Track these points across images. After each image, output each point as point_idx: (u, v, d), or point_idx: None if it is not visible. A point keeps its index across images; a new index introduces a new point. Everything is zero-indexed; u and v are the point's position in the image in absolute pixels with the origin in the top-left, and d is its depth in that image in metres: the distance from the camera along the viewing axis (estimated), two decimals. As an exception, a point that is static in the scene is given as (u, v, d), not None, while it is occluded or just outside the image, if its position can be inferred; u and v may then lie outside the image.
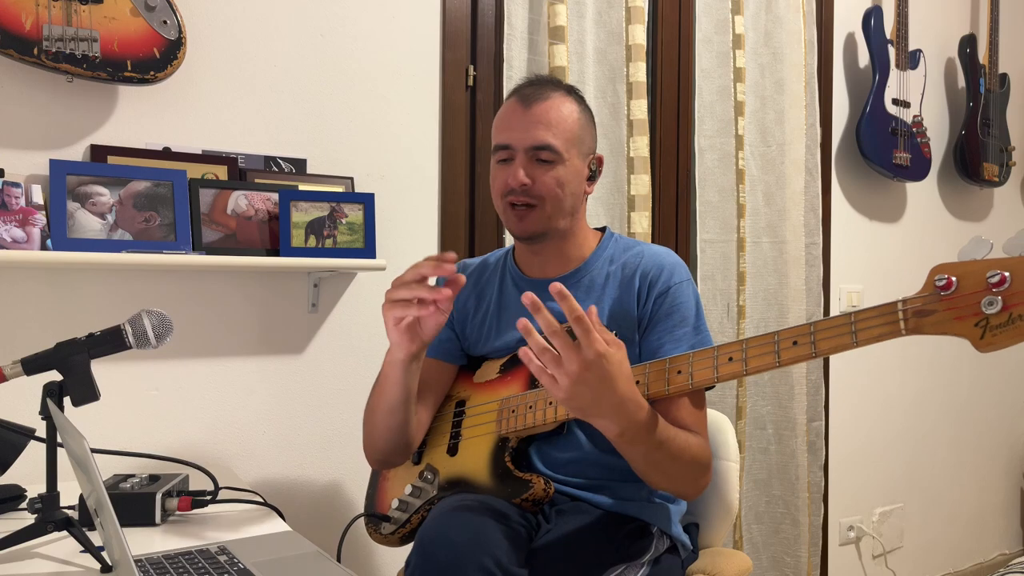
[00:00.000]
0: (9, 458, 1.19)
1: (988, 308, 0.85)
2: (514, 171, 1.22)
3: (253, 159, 1.66)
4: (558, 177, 1.23)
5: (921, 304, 0.90)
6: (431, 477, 1.29)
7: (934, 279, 0.89)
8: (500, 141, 1.26)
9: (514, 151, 1.23)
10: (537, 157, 1.22)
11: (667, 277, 1.24)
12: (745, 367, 1.02)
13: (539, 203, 1.23)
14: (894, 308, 0.92)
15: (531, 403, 1.20)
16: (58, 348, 1.08)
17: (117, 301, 1.54)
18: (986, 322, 0.86)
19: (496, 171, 1.27)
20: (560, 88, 1.28)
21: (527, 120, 1.23)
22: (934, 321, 0.89)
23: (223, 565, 0.96)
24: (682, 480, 1.16)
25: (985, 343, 0.86)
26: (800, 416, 2.31)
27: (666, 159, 2.24)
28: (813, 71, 2.37)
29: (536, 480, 1.17)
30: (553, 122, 1.23)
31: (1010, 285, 0.84)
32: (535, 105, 1.24)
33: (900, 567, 2.83)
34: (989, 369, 3.11)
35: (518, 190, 1.22)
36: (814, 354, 0.97)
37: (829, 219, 2.55)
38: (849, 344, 0.94)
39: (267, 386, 1.69)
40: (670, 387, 1.09)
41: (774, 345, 1.00)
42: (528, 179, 1.22)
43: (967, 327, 0.87)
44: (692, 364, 1.08)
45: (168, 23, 1.49)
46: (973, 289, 0.87)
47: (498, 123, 1.28)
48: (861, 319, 0.94)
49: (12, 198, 1.37)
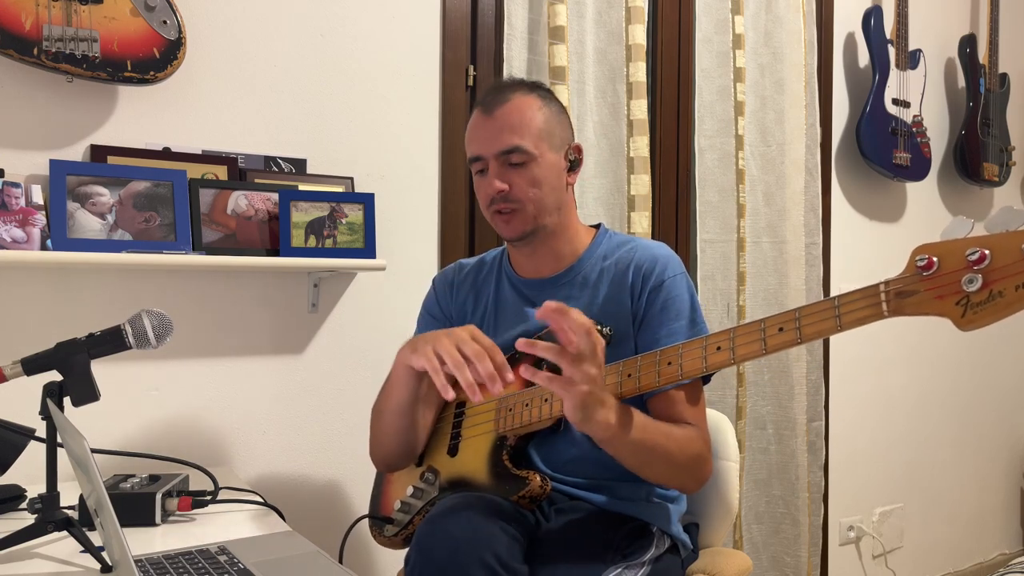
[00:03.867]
0: (9, 458, 1.20)
1: (968, 286, 0.85)
2: (489, 180, 1.23)
3: (253, 159, 1.66)
4: (533, 177, 1.23)
5: (903, 285, 0.89)
6: (432, 478, 1.29)
7: (915, 260, 0.89)
8: (471, 153, 1.26)
9: (486, 160, 1.24)
10: (508, 161, 1.23)
11: (660, 271, 1.24)
12: (733, 356, 1.02)
13: (520, 206, 1.23)
14: (876, 290, 0.91)
15: (527, 401, 1.20)
16: (58, 348, 1.08)
17: (117, 301, 1.54)
18: (967, 300, 0.85)
19: (477, 184, 1.28)
20: (521, 87, 1.27)
21: (491, 127, 1.23)
22: (916, 302, 0.88)
23: (223, 565, 0.96)
24: (677, 473, 1.16)
25: (966, 321, 0.85)
26: (800, 416, 2.31)
27: (666, 159, 2.24)
28: (813, 71, 2.37)
29: (533, 477, 1.17)
30: (516, 124, 1.23)
31: (990, 262, 0.83)
32: (496, 110, 1.24)
33: (900, 567, 2.83)
34: (990, 369, 3.11)
35: (498, 198, 1.23)
36: (799, 339, 0.96)
37: (829, 219, 2.55)
38: (834, 328, 0.94)
39: (267, 386, 1.69)
40: (660, 379, 1.09)
41: (761, 332, 0.99)
42: (504, 184, 1.22)
43: (948, 306, 0.86)
44: (681, 355, 1.07)
45: (168, 23, 1.49)
46: (953, 268, 0.86)
47: (468, 136, 1.28)
48: (845, 302, 0.93)
49: (12, 198, 1.37)
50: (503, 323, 1.33)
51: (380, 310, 1.81)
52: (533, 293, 1.32)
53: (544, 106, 1.26)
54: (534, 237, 1.27)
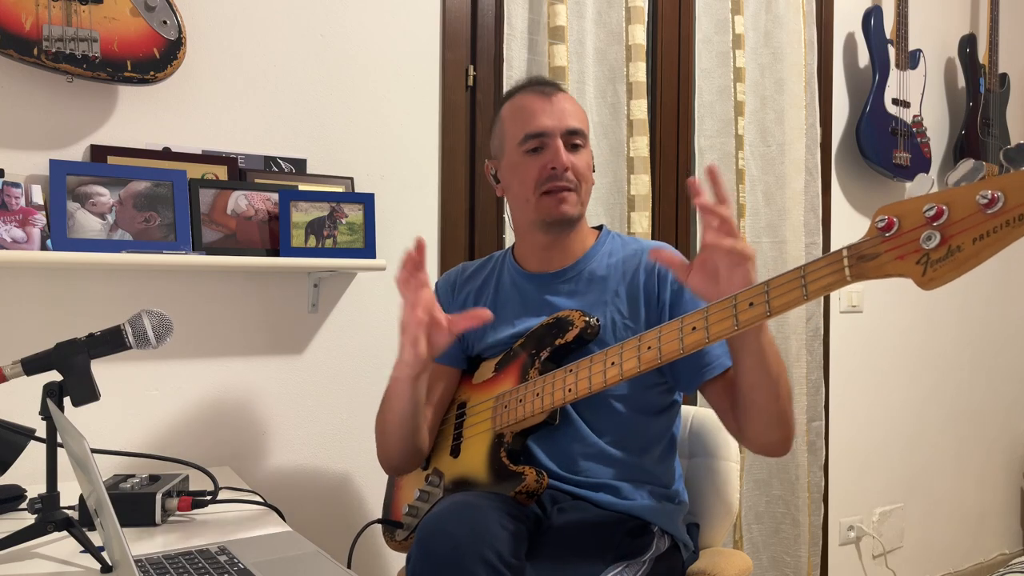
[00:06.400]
0: (9, 458, 1.19)
1: (927, 243, 0.83)
2: (555, 154, 1.24)
3: (253, 159, 1.66)
4: (588, 163, 1.29)
5: (864, 248, 0.88)
6: (437, 480, 1.30)
7: (876, 221, 0.87)
8: (533, 130, 1.26)
9: (549, 137, 1.25)
10: (571, 142, 1.26)
11: None
12: (708, 335, 1.01)
13: (577, 187, 1.26)
14: (839, 256, 0.90)
15: (521, 397, 1.20)
16: (58, 348, 1.08)
17: (117, 301, 1.54)
18: (927, 258, 0.83)
19: (528, 162, 1.26)
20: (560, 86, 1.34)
21: (555, 108, 1.26)
22: (877, 264, 0.87)
23: (223, 565, 0.96)
24: (786, 407, 1.13)
25: (927, 279, 0.83)
26: (800, 416, 2.31)
27: (666, 159, 2.24)
28: (813, 71, 2.37)
29: (528, 472, 1.17)
30: (575, 111, 1.29)
31: (948, 216, 0.82)
32: (555, 96, 1.28)
33: (900, 567, 2.83)
34: (990, 369, 3.11)
35: (561, 174, 1.24)
36: (769, 313, 0.95)
37: (829, 219, 2.55)
38: (800, 298, 0.92)
39: (267, 386, 1.69)
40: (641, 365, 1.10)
41: (732, 309, 0.99)
42: (571, 161, 1.25)
43: (908, 266, 0.85)
44: (660, 338, 1.07)
45: (168, 23, 1.49)
46: (912, 226, 0.84)
47: (522, 114, 1.28)
48: (810, 271, 0.92)
49: (12, 198, 1.37)
50: (502, 320, 1.33)
51: (380, 310, 1.81)
52: (535, 288, 1.32)
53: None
54: (570, 226, 1.29)
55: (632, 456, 1.24)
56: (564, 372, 1.16)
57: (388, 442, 1.28)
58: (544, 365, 1.22)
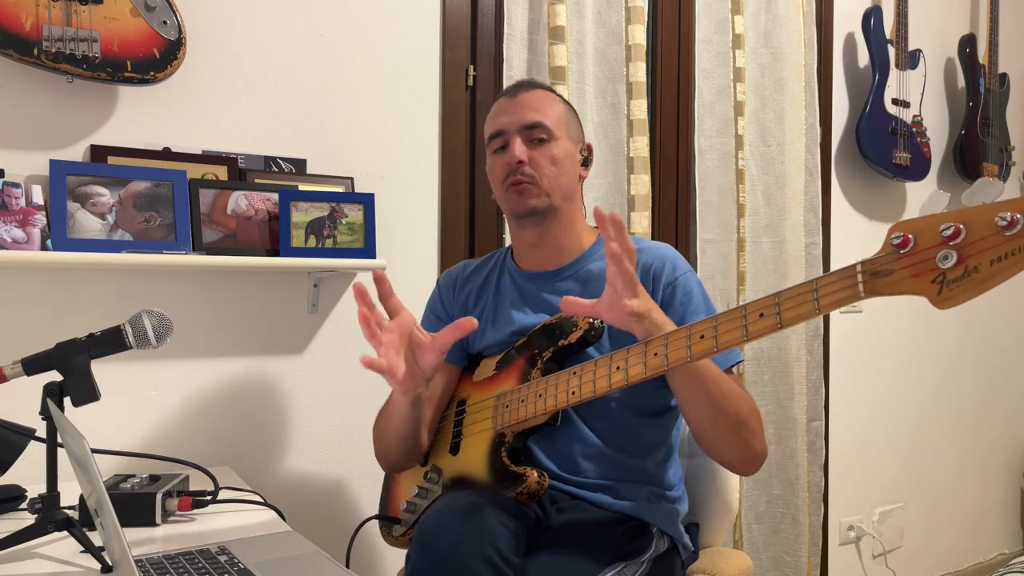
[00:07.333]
0: (9, 458, 1.20)
1: (944, 263, 0.81)
2: (511, 151, 1.26)
3: (253, 159, 1.66)
4: (552, 155, 1.28)
5: (879, 265, 0.87)
6: (436, 477, 1.30)
7: (891, 238, 0.86)
8: (493, 129, 1.31)
9: (508, 134, 1.28)
10: (531, 136, 1.27)
11: (671, 269, 1.26)
12: (716, 344, 1.01)
13: (536, 180, 1.26)
14: (853, 271, 0.89)
15: (523, 397, 1.20)
16: (58, 348, 1.08)
17: (117, 301, 1.54)
18: (943, 277, 0.82)
19: (494, 161, 1.31)
20: (542, 85, 1.36)
21: (516, 106, 1.29)
22: (891, 281, 0.85)
23: (223, 565, 0.96)
24: (737, 428, 1.12)
25: (942, 299, 0.82)
26: (800, 416, 2.31)
27: (666, 159, 2.24)
28: (813, 71, 2.37)
29: (530, 473, 1.17)
30: (539, 105, 1.29)
31: (965, 236, 0.80)
32: (520, 95, 1.30)
33: (900, 567, 2.83)
34: (990, 369, 3.11)
35: (516, 168, 1.26)
36: (779, 325, 0.94)
37: (829, 219, 2.55)
38: (812, 311, 0.92)
39: (267, 386, 1.69)
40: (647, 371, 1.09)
41: (742, 320, 0.98)
42: (525, 155, 1.26)
43: (924, 284, 0.83)
44: (667, 345, 1.07)
45: (168, 23, 1.49)
46: (929, 244, 0.83)
47: (490, 118, 1.33)
48: (823, 285, 0.91)
49: (12, 198, 1.37)
50: (502, 318, 1.34)
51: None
52: (534, 286, 1.33)
53: (563, 104, 1.34)
54: (543, 218, 1.29)
55: (632, 457, 1.25)
56: (568, 374, 1.16)
57: (388, 451, 1.29)
58: (546, 366, 1.22)
